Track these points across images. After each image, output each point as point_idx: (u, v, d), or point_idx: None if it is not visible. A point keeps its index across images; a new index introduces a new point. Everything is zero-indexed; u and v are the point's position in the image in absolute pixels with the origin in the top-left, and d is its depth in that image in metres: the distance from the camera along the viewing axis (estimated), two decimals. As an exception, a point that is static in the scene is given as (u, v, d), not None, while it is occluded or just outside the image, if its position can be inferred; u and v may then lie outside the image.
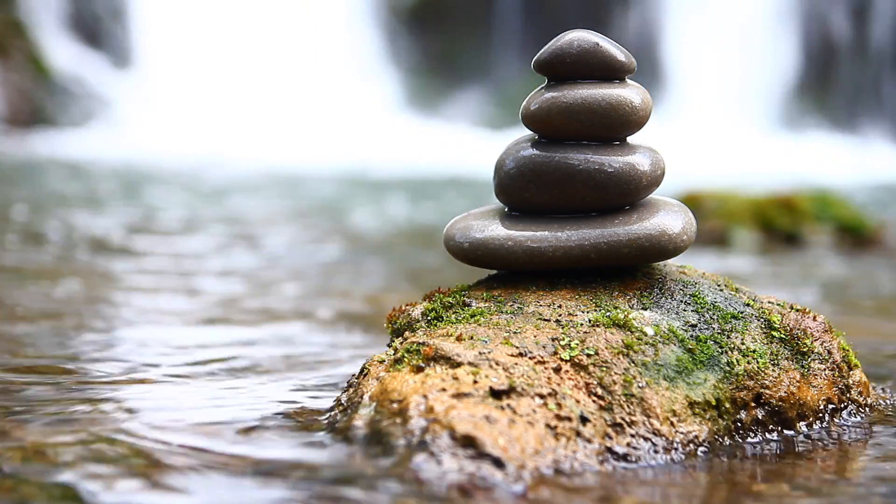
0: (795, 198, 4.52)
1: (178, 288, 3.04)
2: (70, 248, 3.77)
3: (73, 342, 2.18)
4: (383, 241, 4.52)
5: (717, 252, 4.13)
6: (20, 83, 10.36)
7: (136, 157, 8.59)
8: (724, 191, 4.70)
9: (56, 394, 1.67)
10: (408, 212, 5.85)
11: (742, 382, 1.47)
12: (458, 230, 1.59)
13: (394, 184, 7.47)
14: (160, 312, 2.62)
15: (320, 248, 4.16)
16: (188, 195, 6.21)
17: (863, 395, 1.59)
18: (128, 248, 3.90)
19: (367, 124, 10.97)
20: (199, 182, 7.05)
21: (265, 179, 7.45)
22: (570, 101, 1.54)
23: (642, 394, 1.39)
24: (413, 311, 1.59)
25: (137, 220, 4.78)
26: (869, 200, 6.11)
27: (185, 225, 4.70)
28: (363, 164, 8.67)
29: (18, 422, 1.47)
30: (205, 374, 1.89)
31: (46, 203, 5.26)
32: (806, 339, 1.55)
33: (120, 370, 1.87)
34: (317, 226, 4.98)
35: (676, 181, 5.09)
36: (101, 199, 5.68)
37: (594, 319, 1.47)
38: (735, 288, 1.62)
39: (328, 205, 5.98)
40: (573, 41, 1.55)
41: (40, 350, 2.07)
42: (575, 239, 1.53)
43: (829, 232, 4.42)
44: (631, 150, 1.57)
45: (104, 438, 1.39)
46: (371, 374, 1.43)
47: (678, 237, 1.53)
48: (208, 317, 2.61)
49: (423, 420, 1.28)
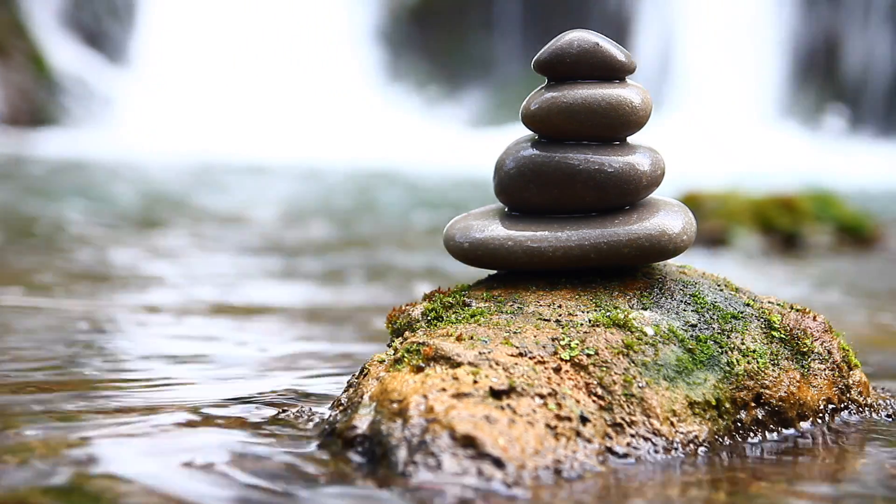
0: (795, 198, 4.52)
1: (173, 283, 3.04)
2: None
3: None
4: (380, 241, 4.52)
5: (717, 252, 4.13)
6: (20, 83, 10.36)
7: (135, 157, 8.59)
8: (725, 191, 4.70)
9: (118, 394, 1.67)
10: (408, 212, 5.85)
11: (742, 382, 1.47)
12: (458, 230, 1.59)
13: (395, 184, 7.47)
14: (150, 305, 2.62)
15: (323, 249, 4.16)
16: (188, 193, 6.21)
17: (863, 395, 1.59)
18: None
19: (367, 124, 10.96)
20: (199, 181, 7.04)
21: (265, 179, 7.45)
22: (570, 101, 1.54)
23: (642, 394, 1.39)
24: (413, 311, 1.59)
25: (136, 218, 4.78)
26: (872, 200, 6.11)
27: (187, 222, 4.70)
28: (362, 163, 8.67)
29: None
30: (203, 373, 1.89)
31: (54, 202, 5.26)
32: (806, 339, 1.55)
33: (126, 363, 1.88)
34: (319, 223, 4.98)
35: (683, 181, 5.09)
36: (99, 197, 5.68)
37: (594, 319, 1.47)
38: (735, 288, 1.62)
39: (326, 205, 5.98)
40: (573, 41, 1.55)
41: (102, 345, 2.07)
42: (575, 239, 1.53)
43: (829, 232, 4.42)
44: (631, 150, 1.57)
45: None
46: (371, 374, 1.43)
47: (678, 237, 1.53)
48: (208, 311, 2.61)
49: (423, 420, 1.28)
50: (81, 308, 2.60)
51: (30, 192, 5.86)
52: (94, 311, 2.58)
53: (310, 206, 5.80)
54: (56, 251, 3.74)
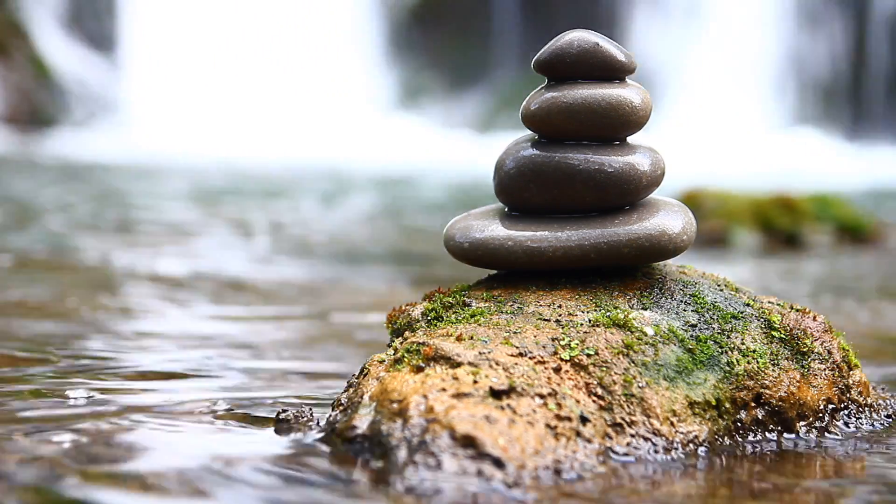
0: (795, 198, 4.52)
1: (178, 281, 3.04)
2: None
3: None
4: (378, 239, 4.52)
5: (717, 252, 4.13)
6: (20, 83, 10.35)
7: (136, 157, 8.59)
8: (724, 191, 4.70)
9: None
10: (405, 211, 5.85)
11: (742, 382, 1.47)
12: (457, 230, 1.59)
13: (392, 183, 7.47)
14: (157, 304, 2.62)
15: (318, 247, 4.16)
16: (190, 193, 6.21)
17: (863, 395, 1.59)
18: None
19: (366, 123, 10.96)
20: (200, 180, 7.04)
21: (264, 178, 7.45)
22: (570, 101, 1.54)
23: (642, 394, 1.39)
24: (413, 311, 1.59)
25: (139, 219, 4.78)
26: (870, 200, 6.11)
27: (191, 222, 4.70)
28: (361, 163, 8.67)
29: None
30: (201, 371, 1.89)
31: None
32: (806, 339, 1.55)
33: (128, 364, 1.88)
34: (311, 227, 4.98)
35: (688, 180, 5.09)
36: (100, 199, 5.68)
37: (594, 319, 1.47)
38: (735, 288, 1.62)
39: (324, 205, 5.97)
40: (573, 41, 1.55)
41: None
42: (575, 239, 1.53)
43: (829, 232, 4.42)
44: (631, 150, 1.57)
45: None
46: (371, 374, 1.43)
47: (678, 237, 1.53)
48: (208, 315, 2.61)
49: (423, 420, 1.28)
50: (82, 308, 2.60)
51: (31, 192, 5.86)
52: (92, 312, 2.58)
53: (304, 206, 5.79)
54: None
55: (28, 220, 4.66)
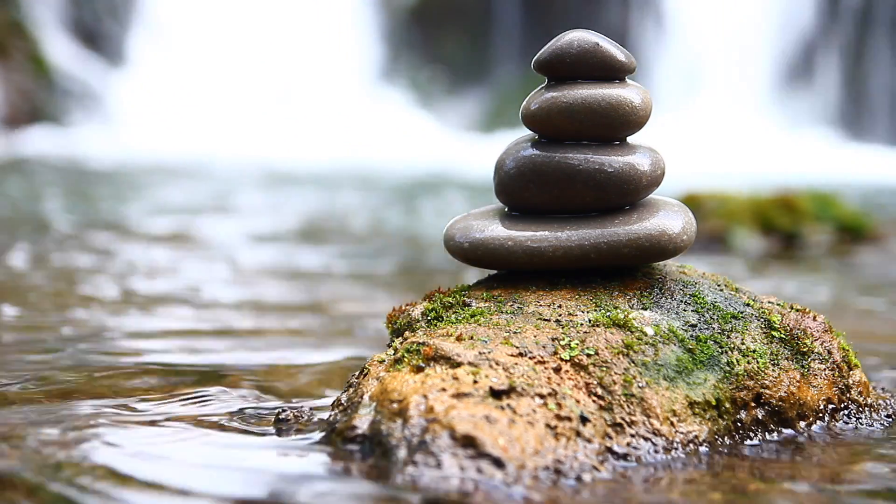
0: (795, 198, 4.52)
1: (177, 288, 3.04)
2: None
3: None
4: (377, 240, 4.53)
5: (717, 252, 4.13)
6: (20, 83, 10.36)
7: (136, 156, 8.59)
8: (725, 191, 4.70)
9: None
10: (407, 212, 5.85)
11: (742, 382, 1.47)
12: (458, 230, 1.59)
13: (393, 182, 7.47)
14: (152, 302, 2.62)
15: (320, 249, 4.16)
16: (190, 193, 6.21)
17: (863, 395, 1.59)
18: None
19: (366, 124, 10.96)
20: (199, 180, 7.04)
21: (264, 178, 7.45)
22: (570, 101, 1.54)
23: (642, 394, 1.39)
24: (413, 311, 1.59)
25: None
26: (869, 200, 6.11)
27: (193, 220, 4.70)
28: (361, 163, 8.67)
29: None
30: (198, 371, 1.89)
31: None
32: (806, 339, 1.55)
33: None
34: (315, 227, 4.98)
35: (692, 179, 5.09)
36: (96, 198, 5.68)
37: (594, 319, 1.47)
38: (735, 288, 1.62)
39: (323, 204, 5.98)
40: (573, 41, 1.55)
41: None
42: (575, 239, 1.53)
43: (829, 232, 4.42)
44: (631, 150, 1.57)
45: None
46: (371, 374, 1.43)
47: (678, 237, 1.53)
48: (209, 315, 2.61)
49: (423, 420, 1.28)
50: (81, 306, 2.60)
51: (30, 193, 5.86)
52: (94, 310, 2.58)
53: (298, 206, 5.80)
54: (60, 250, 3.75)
55: (25, 224, 4.66)
